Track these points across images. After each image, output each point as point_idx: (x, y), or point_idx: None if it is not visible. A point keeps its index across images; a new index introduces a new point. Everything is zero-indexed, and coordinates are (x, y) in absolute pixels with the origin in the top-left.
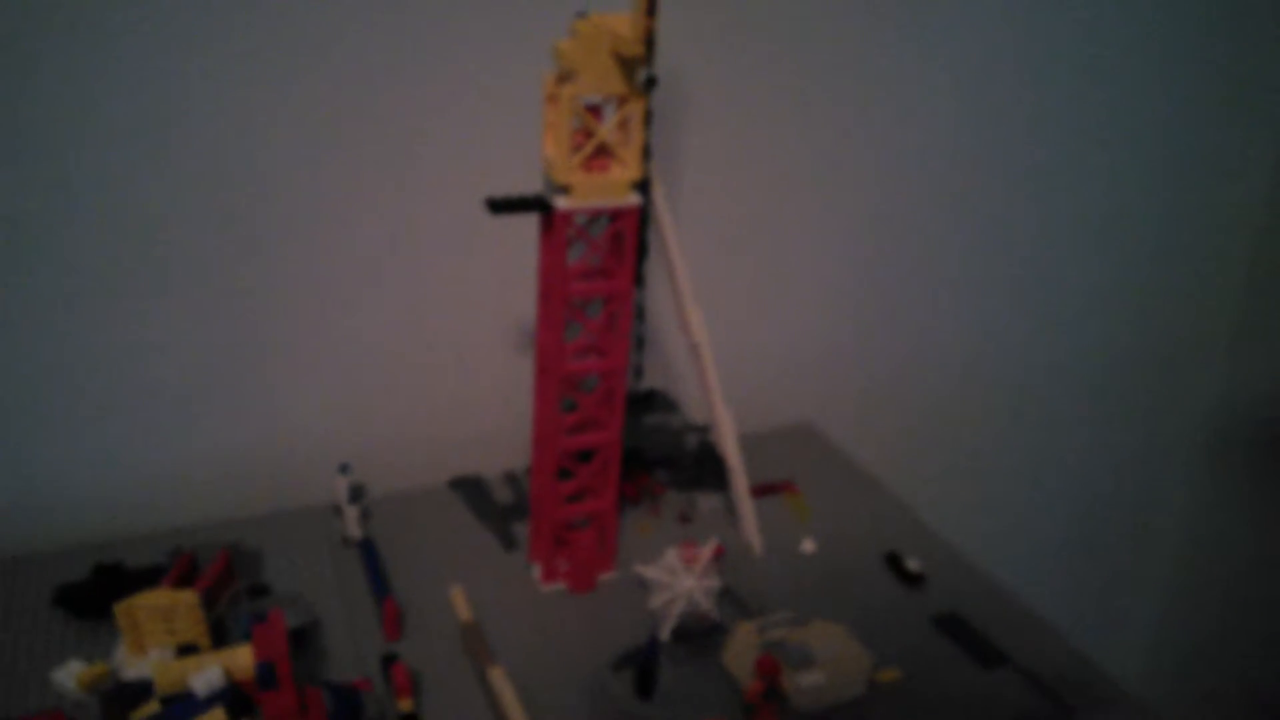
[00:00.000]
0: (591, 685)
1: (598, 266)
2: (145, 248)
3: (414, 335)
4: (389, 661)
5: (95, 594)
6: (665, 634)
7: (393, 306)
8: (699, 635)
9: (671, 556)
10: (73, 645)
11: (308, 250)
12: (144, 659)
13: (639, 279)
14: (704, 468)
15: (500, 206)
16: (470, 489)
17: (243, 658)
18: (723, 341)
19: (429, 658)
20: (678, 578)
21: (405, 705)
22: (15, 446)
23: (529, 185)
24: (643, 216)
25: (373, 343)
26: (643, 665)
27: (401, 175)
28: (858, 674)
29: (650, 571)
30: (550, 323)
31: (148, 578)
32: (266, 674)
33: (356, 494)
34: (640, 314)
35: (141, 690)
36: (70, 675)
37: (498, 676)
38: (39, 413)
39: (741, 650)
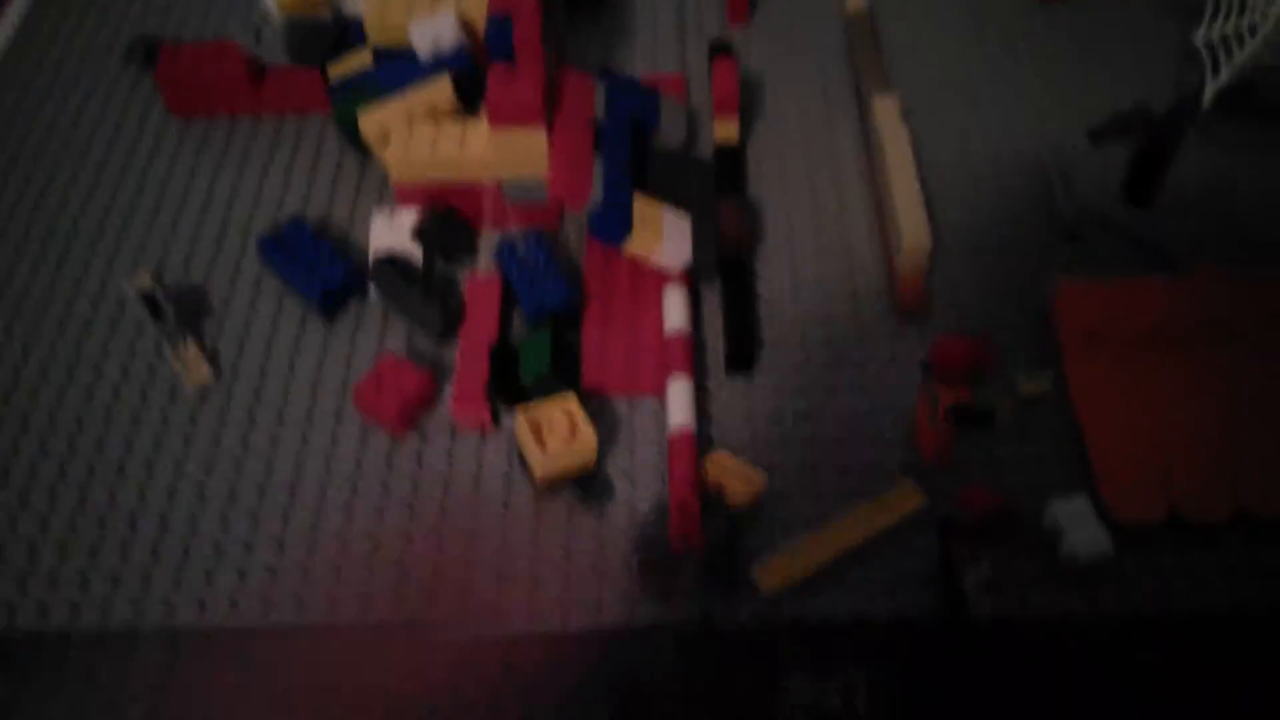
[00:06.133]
0: (1055, 157)
1: None
2: None
3: None
4: (722, 50)
5: None
6: (1206, 98)
7: None
8: (1276, 111)
9: None
10: None
11: None
12: None
13: None
14: None
15: None
16: None
17: (483, 8)
18: None
19: (780, 62)
20: None
21: (726, 130)
22: None
23: None
24: None
25: None
26: (1147, 148)
27: None
28: None
29: None
30: None
31: None
32: (496, 36)
33: None
34: None
35: (351, 31)
36: None
37: (885, 107)
38: None
39: None
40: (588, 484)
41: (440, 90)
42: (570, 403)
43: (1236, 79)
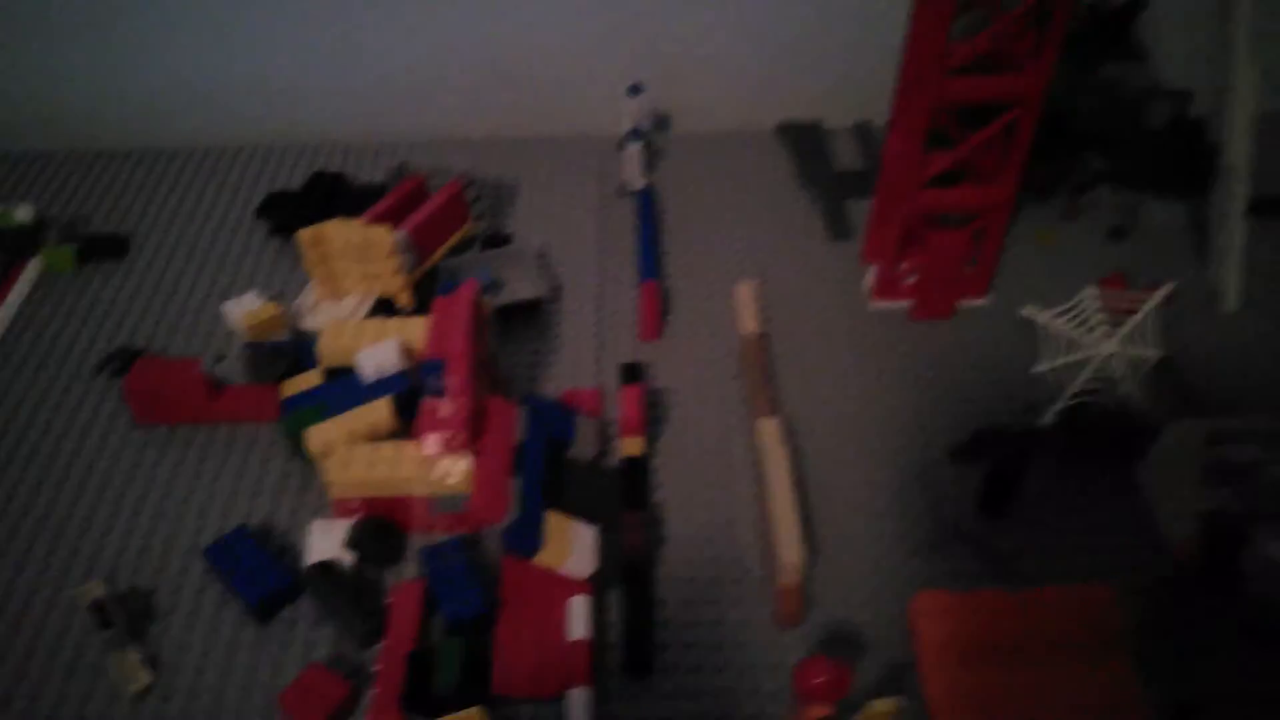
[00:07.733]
0: (920, 473)
1: None
2: None
3: None
4: (631, 375)
5: (303, 209)
6: (1047, 418)
7: None
8: (1104, 433)
9: (1088, 299)
10: (264, 271)
11: None
12: (334, 307)
13: None
14: (1172, 157)
15: None
16: (802, 140)
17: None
18: None
19: (685, 377)
20: (1090, 334)
21: (632, 447)
22: (251, 29)
23: None
24: None
25: None
26: (998, 467)
27: None
28: None
29: (1047, 317)
30: None
31: (368, 196)
32: (430, 375)
33: (648, 127)
34: None
35: (305, 352)
36: (241, 307)
37: (768, 431)
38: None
39: (1174, 468)
40: None
41: (380, 412)
42: (477, 717)
43: (1073, 402)
